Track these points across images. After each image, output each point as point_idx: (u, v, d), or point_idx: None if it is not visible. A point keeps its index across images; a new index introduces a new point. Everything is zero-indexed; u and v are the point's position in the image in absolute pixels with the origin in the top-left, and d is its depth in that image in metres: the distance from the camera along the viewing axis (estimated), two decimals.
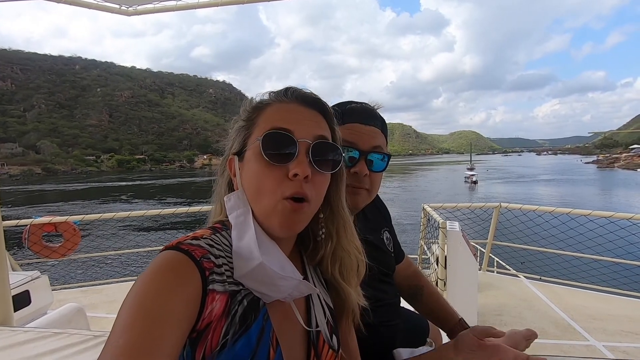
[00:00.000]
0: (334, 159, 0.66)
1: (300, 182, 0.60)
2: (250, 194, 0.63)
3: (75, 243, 4.33)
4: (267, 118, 0.64)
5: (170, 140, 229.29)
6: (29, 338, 1.41)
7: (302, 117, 0.65)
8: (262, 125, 0.64)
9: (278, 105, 0.66)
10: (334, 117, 0.70)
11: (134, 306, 0.49)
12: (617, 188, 56.34)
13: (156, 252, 3.13)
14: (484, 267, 4.45)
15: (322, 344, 0.68)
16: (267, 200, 0.61)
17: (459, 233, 3.17)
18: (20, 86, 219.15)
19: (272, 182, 0.61)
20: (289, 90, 0.68)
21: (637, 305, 3.43)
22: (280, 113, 0.64)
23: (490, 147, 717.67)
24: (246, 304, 0.58)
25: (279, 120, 0.63)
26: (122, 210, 6.50)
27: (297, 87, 0.68)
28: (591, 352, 2.62)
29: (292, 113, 0.65)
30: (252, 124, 0.66)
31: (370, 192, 0.98)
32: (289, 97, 0.67)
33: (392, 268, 1.13)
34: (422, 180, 74.53)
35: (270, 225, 0.62)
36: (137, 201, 46.88)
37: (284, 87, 0.69)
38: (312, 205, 0.63)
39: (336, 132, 0.70)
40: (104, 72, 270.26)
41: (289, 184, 0.60)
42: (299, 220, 0.62)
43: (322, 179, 0.64)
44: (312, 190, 0.62)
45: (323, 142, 0.64)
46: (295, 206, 0.60)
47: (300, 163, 0.60)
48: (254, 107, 0.68)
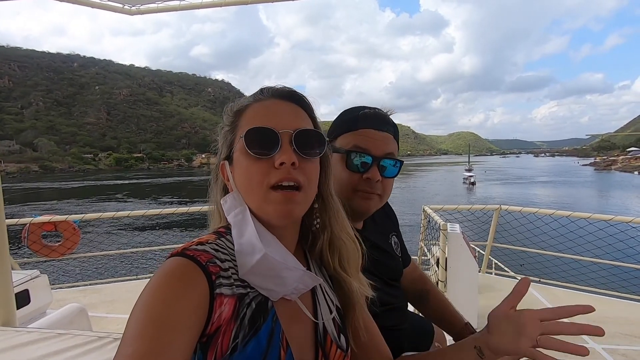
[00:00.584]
0: (319, 142, 0.67)
1: (288, 169, 0.61)
2: (242, 191, 0.65)
3: (74, 242, 4.32)
4: (248, 119, 0.66)
5: (168, 139, 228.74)
6: (33, 339, 1.41)
7: (280, 110, 0.66)
8: (245, 126, 0.65)
9: (256, 105, 0.67)
10: (312, 108, 0.70)
11: (142, 315, 0.50)
12: (614, 190, 56.66)
13: (156, 251, 3.17)
14: (483, 269, 4.46)
15: (329, 344, 0.68)
16: (256, 192, 0.62)
17: (459, 235, 3.18)
18: (18, 83, 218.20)
19: (260, 174, 0.62)
20: (264, 89, 0.70)
21: (635, 308, 3.45)
22: (259, 110, 0.66)
23: (488, 148, 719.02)
24: (254, 307, 0.59)
25: (260, 117, 0.65)
26: (117, 209, 6.49)
27: (272, 85, 0.70)
28: (590, 355, 2.62)
29: (270, 109, 0.66)
30: (235, 127, 0.67)
31: (382, 198, 0.98)
32: (265, 95, 0.68)
33: (400, 272, 1.13)
34: (421, 181, 74.64)
35: (266, 215, 0.63)
36: (132, 200, 46.75)
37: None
38: (307, 191, 0.64)
39: (316, 120, 0.71)
40: (103, 70, 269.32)
41: (275, 172, 0.61)
42: (294, 208, 0.62)
43: (311, 165, 0.65)
44: (302, 176, 0.63)
45: (305, 129, 0.65)
46: (288, 195, 0.61)
47: (285, 152, 0.61)
48: (235, 111, 0.70)
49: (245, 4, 2.74)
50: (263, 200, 0.62)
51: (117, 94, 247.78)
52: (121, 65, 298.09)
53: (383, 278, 0.99)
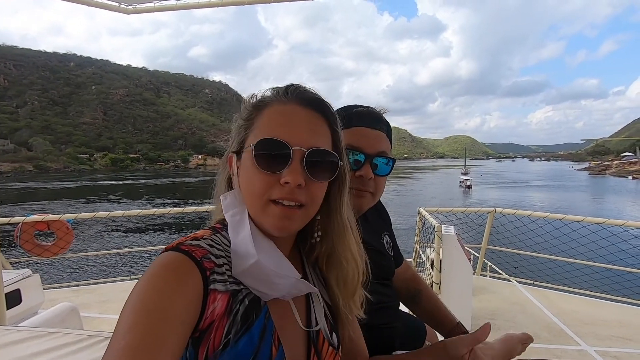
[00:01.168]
0: (332, 164, 0.65)
1: (292, 189, 0.60)
2: (244, 193, 0.64)
3: (67, 242, 4.28)
4: (264, 121, 0.64)
5: (165, 140, 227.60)
6: (23, 337, 1.39)
7: (299, 121, 0.63)
8: (260, 128, 0.64)
9: (277, 107, 0.64)
10: (337, 118, 0.68)
11: (135, 308, 0.49)
12: (608, 194, 57.12)
13: (150, 252, 3.15)
14: (477, 271, 4.48)
15: (322, 342, 0.68)
16: (256, 201, 0.62)
17: (454, 237, 3.19)
18: (13, 82, 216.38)
19: (263, 187, 0.61)
20: (289, 88, 0.66)
21: (627, 311, 3.48)
22: (277, 117, 0.63)
23: (484, 152, 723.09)
24: (247, 303, 0.59)
25: (275, 126, 0.62)
26: (108, 210, 6.44)
27: (299, 85, 0.66)
28: (582, 357, 2.65)
29: (289, 117, 0.63)
30: (251, 124, 0.66)
31: (375, 196, 0.99)
32: (289, 97, 0.65)
33: (392, 272, 1.13)
34: (418, 185, 74.85)
35: (262, 226, 0.63)
36: (125, 201, 46.42)
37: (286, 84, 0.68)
38: (308, 209, 0.63)
39: (338, 134, 0.68)
40: (99, 70, 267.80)
41: (278, 188, 0.60)
42: (291, 224, 0.62)
43: (318, 186, 0.64)
44: (306, 197, 0.62)
45: (319, 149, 0.62)
46: (287, 211, 0.61)
47: (293, 171, 0.60)
48: (254, 105, 0.67)
49: (243, 4, 2.75)
50: (261, 211, 0.62)
51: (113, 94, 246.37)
52: (118, 65, 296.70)
53: (375, 277, 0.99)
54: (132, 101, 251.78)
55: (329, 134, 0.67)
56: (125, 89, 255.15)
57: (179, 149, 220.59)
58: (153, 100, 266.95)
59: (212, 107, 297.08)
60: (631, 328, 3.08)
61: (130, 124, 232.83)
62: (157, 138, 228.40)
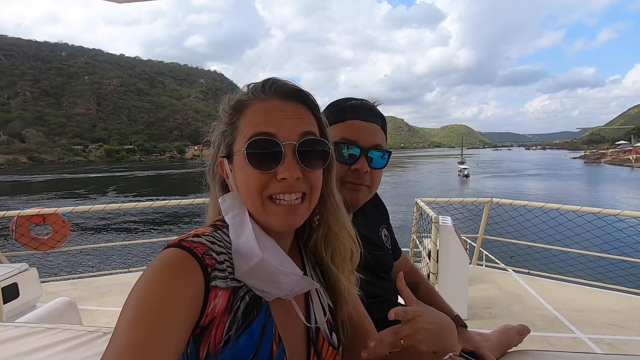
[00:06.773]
0: (323, 152, 0.66)
1: (290, 184, 0.60)
2: (242, 194, 0.65)
3: (64, 235, 4.27)
4: (248, 121, 0.63)
5: (160, 131, 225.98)
6: (21, 333, 1.39)
7: (283, 115, 0.63)
8: (245, 130, 0.63)
9: (258, 105, 0.64)
10: (317, 105, 0.68)
11: (137, 304, 0.49)
12: (603, 183, 57.56)
13: (147, 244, 3.14)
14: (474, 261, 4.52)
15: (321, 342, 0.68)
16: (255, 200, 0.62)
17: (451, 227, 3.21)
18: (4, 72, 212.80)
19: (260, 184, 0.61)
20: (266, 84, 0.65)
21: (621, 299, 3.53)
22: (260, 115, 0.63)
23: (481, 141, 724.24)
24: (248, 300, 0.59)
25: (261, 124, 0.62)
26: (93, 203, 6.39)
27: (276, 79, 0.66)
28: (577, 344, 2.69)
29: (273, 113, 0.63)
30: (235, 127, 0.65)
31: (371, 189, 0.99)
32: (268, 93, 0.64)
33: (390, 265, 1.13)
34: (415, 174, 75.00)
35: (267, 224, 0.63)
36: (120, 195, 45.95)
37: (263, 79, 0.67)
38: (310, 199, 0.65)
39: (322, 120, 0.68)
40: (92, 60, 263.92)
41: (276, 184, 0.61)
42: (297, 219, 0.63)
43: (315, 174, 0.65)
44: (307, 186, 0.63)
45: (309, 139, 0.63)
46: (290, 208, 0.61)
47: (288, 167, 0.60)
48: (233, 107, 0.66)
49: None
50: (262, 209, 0.62)
51: (107, 84, 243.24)
52: (111, 54, 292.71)
53: (373, 270, 0.99)
54: (126, 91, 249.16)
55: (314, 122, 0.67)
56: (118, 79, 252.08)
57: (175, 139, 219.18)
58: (147, 90, 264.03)
59: (207, 97, 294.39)
60: (624, 316, 3.13)
61: (124, 114, 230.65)
62: (152, 129, 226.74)
